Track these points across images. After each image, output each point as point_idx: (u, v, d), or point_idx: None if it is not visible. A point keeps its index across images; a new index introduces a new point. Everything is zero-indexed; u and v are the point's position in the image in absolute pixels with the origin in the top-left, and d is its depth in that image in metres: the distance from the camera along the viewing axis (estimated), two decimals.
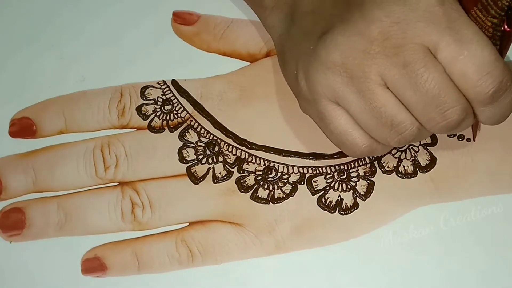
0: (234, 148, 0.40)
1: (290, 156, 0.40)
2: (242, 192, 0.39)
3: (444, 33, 0.32)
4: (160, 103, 0.42)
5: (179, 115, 0.41)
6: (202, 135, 0.41)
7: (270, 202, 0.39)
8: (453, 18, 0.32)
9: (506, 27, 0.33)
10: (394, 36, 0.32)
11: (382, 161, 0.39)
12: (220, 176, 0.40)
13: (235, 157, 0.40)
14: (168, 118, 0.41)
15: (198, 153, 0.40)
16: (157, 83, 0.43)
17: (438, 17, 0.32)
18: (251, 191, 0.39)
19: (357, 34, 0.33)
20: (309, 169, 0.39)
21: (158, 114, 0.42)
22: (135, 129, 0.41)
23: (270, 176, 0.39)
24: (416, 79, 0.32)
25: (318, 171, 0.39)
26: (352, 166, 0.39)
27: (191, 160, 0.40)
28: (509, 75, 0.33)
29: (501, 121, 0.36)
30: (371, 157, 0.39)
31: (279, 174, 0.39)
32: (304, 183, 0.39)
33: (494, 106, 0.33)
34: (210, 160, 0.40)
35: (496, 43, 0.33)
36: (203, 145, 0.40)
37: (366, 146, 0.35)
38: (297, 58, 0.36)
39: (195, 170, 0.40)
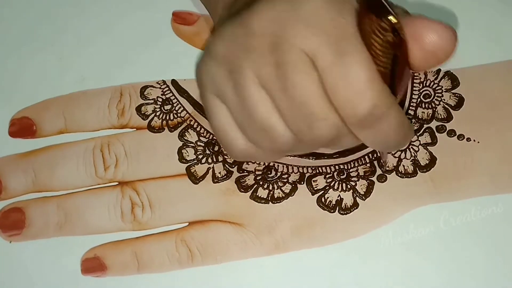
0: None
1: (290, 156, 0.40)
2: (242, 191, 0.39)
3: (323, 40, 0.29)
4: (160, 103, 0.42)
5: (178, 114, 0.41)
6: (202, 134, 0.41)
7: (270, 202, 0.39)
8: (337, 26, 0.29)
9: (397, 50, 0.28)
10: (272, 33, 0.30)
11: (382, 161, 0.39)
12: (219, 176, 0.39)
13: None
14: (167, 118, 0.41)
15: (198, 153, 0.40)
16: (157, 83, 0.43)
17: (321, 22, 0.29)
18: (251, 191, 0.39)
19: (240, 26, 0.31)
20: (309, 168, 0.39)
21: (157, 114, 0.42)
22: (135, 129, 0.41)
23: (269, 175, 0.39)
24: (286, 82, 0.30)
25: (317, 171, 0.39)
26: (352, 166, 0.39)
27: (191, 159, 0.40)
28: (386, 100, 0.29)
29: (390, 148, 0.32)
30: (371, 157, 0.39)
31: (278, 174, 0.39)
32: (303, 183, 0.39)
33: (370, 131, 0.30)
34: (209, 160, 0.40)
35: (385, 66, 0.29)
36: (203, 144, 0.40)
37: (243, 149, 0.34)
38: None
39: (195, 170, 0.40)
